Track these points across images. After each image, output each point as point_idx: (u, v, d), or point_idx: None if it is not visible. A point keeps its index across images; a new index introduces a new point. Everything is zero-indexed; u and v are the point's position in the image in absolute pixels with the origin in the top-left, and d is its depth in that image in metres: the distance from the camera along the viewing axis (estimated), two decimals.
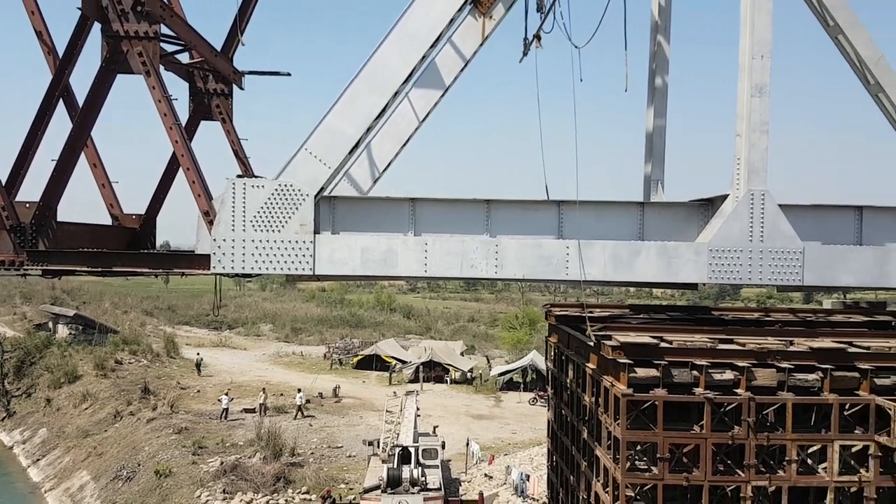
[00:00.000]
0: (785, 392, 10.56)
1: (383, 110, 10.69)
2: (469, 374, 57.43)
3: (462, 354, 63.10)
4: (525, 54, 11.93)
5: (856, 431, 10.63)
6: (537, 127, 17.09)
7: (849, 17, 11.64)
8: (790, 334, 12.19)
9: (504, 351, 66.69)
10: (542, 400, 45.17)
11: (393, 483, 25.91)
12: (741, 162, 10.61)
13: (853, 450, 10.62)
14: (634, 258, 11.33)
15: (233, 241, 10.09)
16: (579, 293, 12.87)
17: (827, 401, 10.54)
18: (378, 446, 30.92)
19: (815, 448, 10.70)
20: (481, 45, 11.45)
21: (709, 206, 11.75)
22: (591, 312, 13.68)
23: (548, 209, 11.64)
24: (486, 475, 33.76)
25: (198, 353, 60.19)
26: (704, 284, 11.74)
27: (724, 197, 11.07)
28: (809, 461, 10.69)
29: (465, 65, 11.50)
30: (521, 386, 53.77)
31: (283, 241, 10.20)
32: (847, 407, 10.62)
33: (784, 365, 10.63)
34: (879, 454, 10.43)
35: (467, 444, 36.63)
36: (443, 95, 11.77)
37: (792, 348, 10.97)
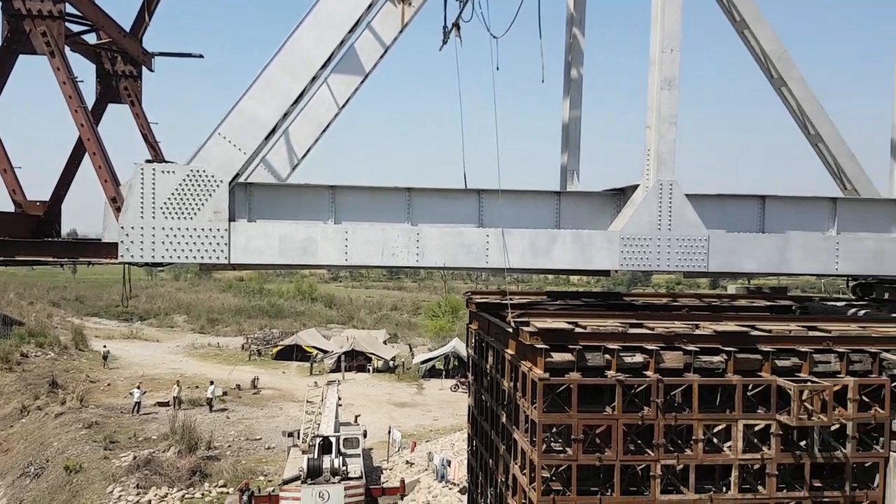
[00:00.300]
0: (691, 374, 11.01)
1: (301, 95, 10.50)
2: (391, 363, 57.46)
3: (385, 343, 63.04)
4: (445, 42, 11.94)
5: (758, 411, 11.17)
6: (459, 116, 17.13)
7: (753, 12, 12.16)
8: (697, 318, 12.71)
9: (427, 339, 67.04)
10: (464, 386, 45.67)
11: (313, 474, 25.77)
12: (651, 153, 10.96)
13: (756, 429, 11.17)
14: (551, 246, 11.57)
15: (142, 228, 9.74)
16: (500, 281, 13.08)
17: (731, 382, 11.05)
18: (298, 437, 30.69)
19: (720, 427, 11.20)
20: (401, 31, 11.39)
21: (621, 195, 12.09)
22: (511, 299, 13.90)
23: (468, 198, 11.73)
24: (407, 462, 33.94)
25: (104, 346, 58.00)
26: (617, 271, 12.10)
27: (636, 187, 11.42)
28: (715, 440, 11.19)
29: (385, 51, 11.44)
30: (443, 373, 54.20)
31: (195, 229, 9.91)
32: (750, 387, 11.15)
33: (690, 348, 11.07)
34: (780, 432, 11.01)
35: (389, 432, 36.70)
36: (363, 81, 11.67)
37: (698, 332, 11.44)
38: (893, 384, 11.10)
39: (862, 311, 15.66)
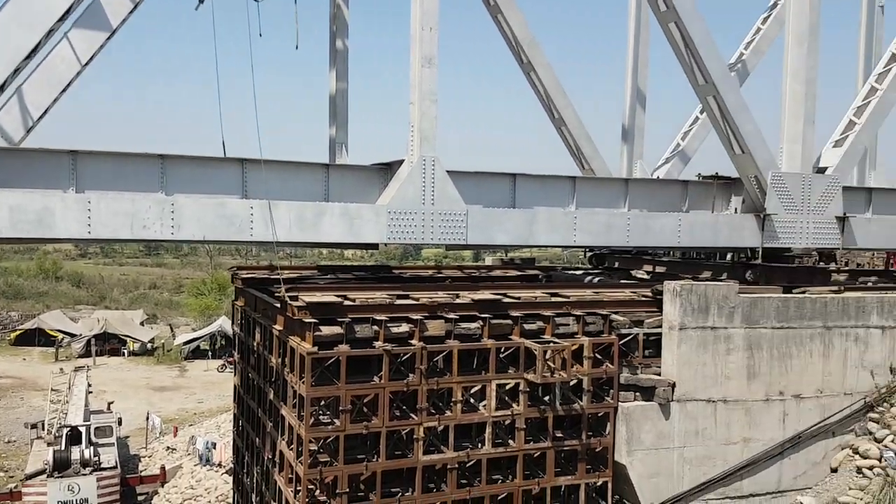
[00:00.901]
0: (452, 340, 11.66)
1: (35, 49, 9.38)
2: (150, 345, 53.87)
3: (142, 324, 58.88)
4: (201, 2, 11.30)
5: (509, 371, 12.11)
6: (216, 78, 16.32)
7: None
8: (458, 288, 13.45)
9: (191, 318, 63.58)
10: (231, 366, 44.20)
11: (60, 466, 23.71)
12: (414, 129, 11.33)
13: (507, 387, 12.12)
14: (320, 219, 11.54)
15: None
16: (272, 256, 12.78)
17: (486, 346, 11.86)
18: (43, 428, 28.08)
19: (476, 388, 12.00)
20: None
21: (388, 170, 12.38)
22: (281, 274, 13.67)
23: (230, 167, 11.30)
24: (168, 448, 32.23)
25: None
26: (386, 245, 12.40)
27: (402, 162, 11.75)
28: (472, 400, 11.98)
29: (135, 7, 10.55)
30: (209, 353, 51.93)
31: None
32: (502, 350, 12.04)
33: (451, 316, 11.71)
34: (527, 390, 12.04)
35: (147, 418, 34.56)
36: (109, 38, 10.69)
37: (458, 301, 12.11)
38: (621, 342, 12.60)
39: (597, 279, 17.58)
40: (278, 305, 12.40)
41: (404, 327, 11.49)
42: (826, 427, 13.07)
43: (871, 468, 12.63)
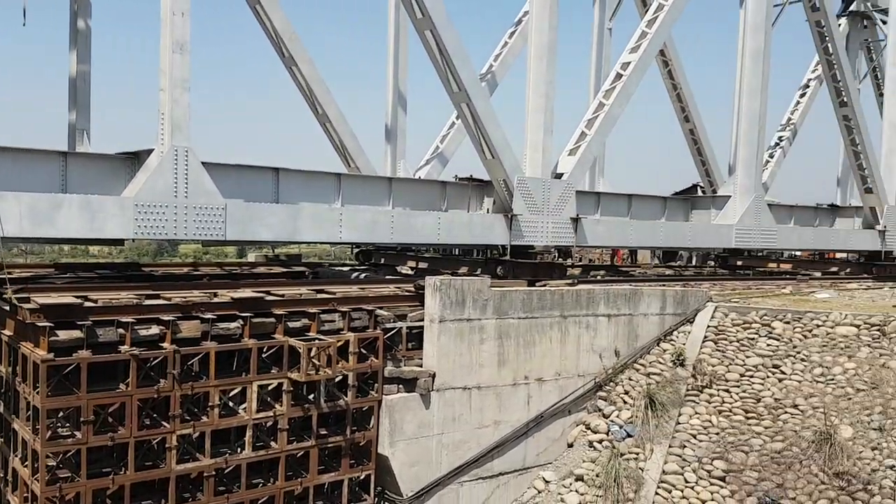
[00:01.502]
0: (209, 342, 11.15)
1: None
2: None
3: None
4: None
5: (272, 371, 11.85)
6: None
7: None
8: (216, 286, 12.90)
9: None
10: None
11: None
12: (165, 117, 10.68)
13: (269, 388, 11.86)
14: (56, 212, 10.49)
15: None
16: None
17: (247, 346, 11.49)
18: None
19: (236, 391, 11.58)
20: None
21: (136, 159, 11.55)
22: (10, 273, 12.13)
23: None
24: None
25: None
26: (134, 240, 11.58)
27: (151, 151, 11.02)
28: (231, 404, 11.55)
29: None
30: None
31: None
32: (265, 350, 11.75)
33: (208, 316, 11.19)
34: (291, 389, 11.87)
35: None
36: None
37: (216, 300, 11.62)
38: (386, 336, 12.91)
39: (363, 275, 17.90)
40: (7, 308, 11.03)
41: (154, 329, 10.78)
42: (563, 406, 14.49)
43: (600, 442, 14.22)
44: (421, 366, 13.09)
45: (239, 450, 11.53)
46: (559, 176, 16.96)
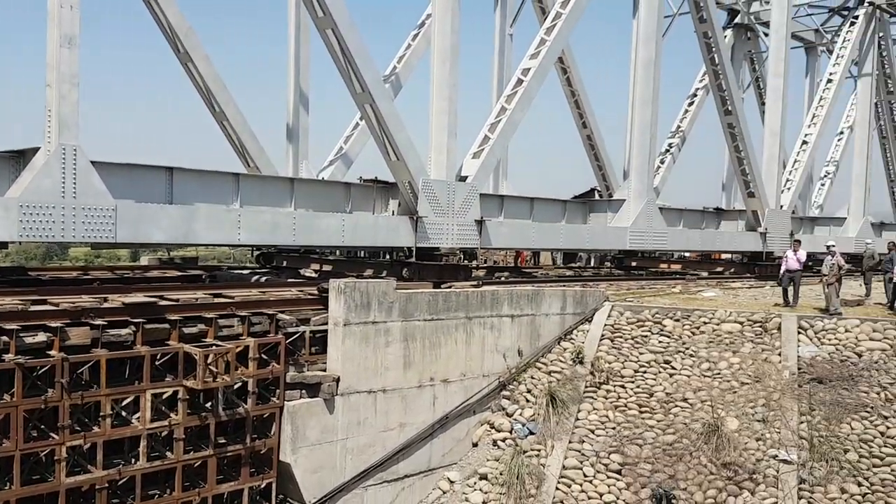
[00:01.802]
0: (99, 349, 10.62)
1: None
2: None
3: None
4: None
5: (167, 379, 11.40)
6: None
7: None
8: (107, 291, 12.28)
9: None
10: None
11: None
12: (52, 114, 10.11)
13: (164, 396, 11.40)
14: None
15: None
16: None
17: (140, 353, 11.01)
18: None
19: (128, 400, 11.07)
20: None
21: (21, 158, 10.88)
22: None
23: None
24: None
25: None
26: (20, 243, 10.91)
27: (37, 149, 10.40)
28: (124, 413, 11.03)
29: None
30: None
31: None
32: (158, 357, 11.29)
33: (98, 322, 10.66)
34: (187, 397, 11.45)
35: None
36: None
37: (106, 305, 11.08)
38: (288, 341, 12.66)
39: (264, 278, 17.48)
40: None
41: (41, 336, 10.20)
42: (468, 406, 14.65)
43: (504, 440, 14.47)
44: (325, 370, 12.92)
45: (133, 461, 11.04)
46: (464, 178, 17.15)
